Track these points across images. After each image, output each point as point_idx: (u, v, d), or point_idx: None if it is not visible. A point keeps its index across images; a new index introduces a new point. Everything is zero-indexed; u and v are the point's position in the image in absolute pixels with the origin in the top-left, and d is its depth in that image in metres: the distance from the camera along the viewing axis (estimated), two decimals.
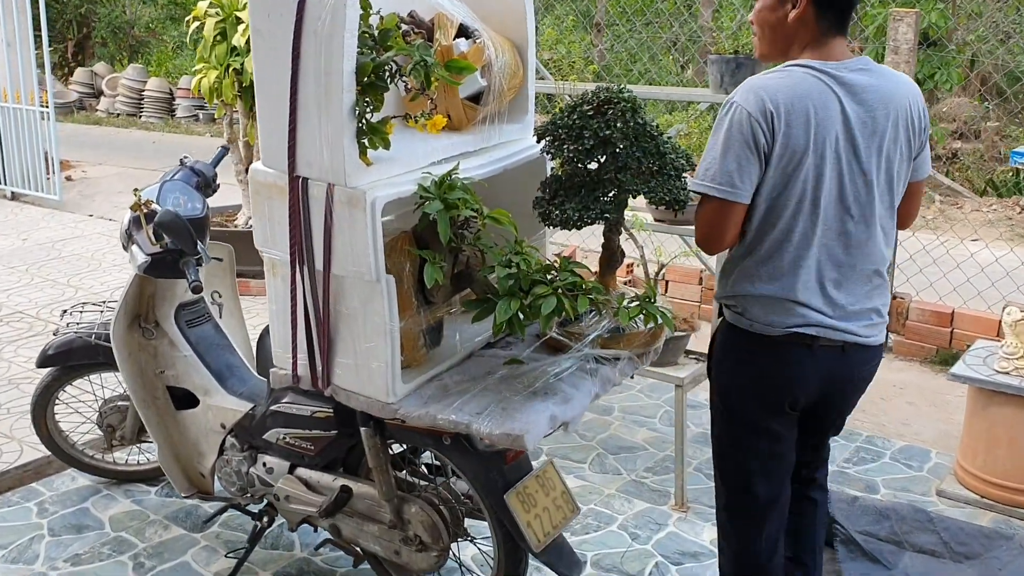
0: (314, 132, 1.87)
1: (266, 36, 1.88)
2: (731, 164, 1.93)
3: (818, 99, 1.95)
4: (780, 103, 1.93)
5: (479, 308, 1.97)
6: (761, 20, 2.08)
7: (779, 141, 1.93)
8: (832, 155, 1.95)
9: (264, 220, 2.05)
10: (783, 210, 1.97)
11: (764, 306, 2.05)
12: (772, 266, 2.02)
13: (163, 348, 2.83)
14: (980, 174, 10.11)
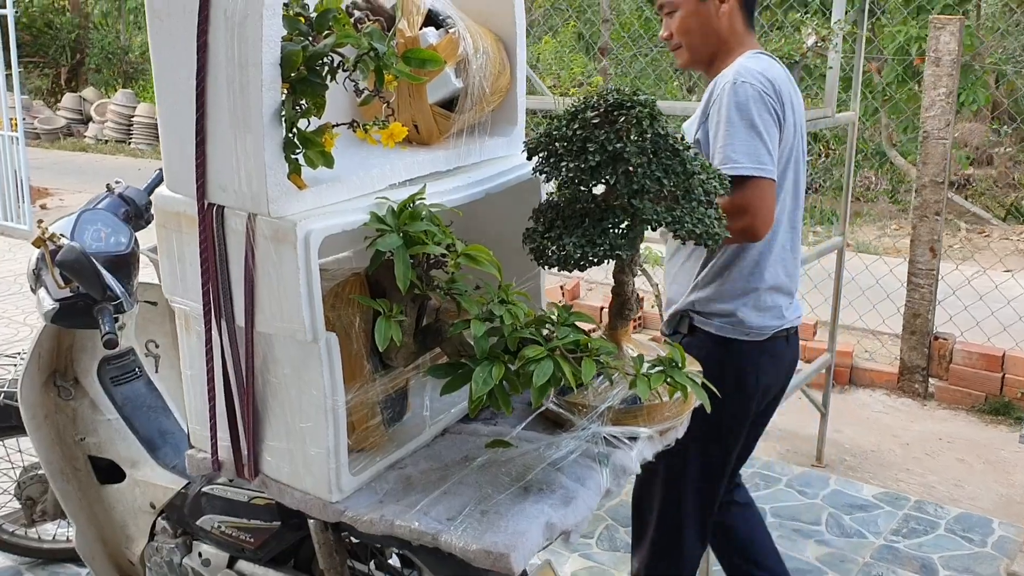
0: (228, 145, 1.40)
1: (165, 20, 1.42)
2: (766, 142, 1.96)
3: (789, 84, 2.08)
4: (774, 81, 2.01)
5: (450, 376, 1.49)
6: (684, 28, 2.11)
7: (786, 118, 2.03)
8: (799, 141, 2.11)
9: (172, 260, 1.58)
10: (779, 194, 2.06)
11: (760, 308, 2.13)
12: (768, 258, 2.11)
13: (83, 410, 2.37)
14: (994, 201, 9.71)
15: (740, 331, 2.15)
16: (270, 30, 1.32)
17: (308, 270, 1.39)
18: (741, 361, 2.17)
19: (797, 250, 2.22)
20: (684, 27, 2.11)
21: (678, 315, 2.25)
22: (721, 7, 2.08)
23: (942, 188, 4.07)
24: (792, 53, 2.88)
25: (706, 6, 2.08)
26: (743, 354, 2.17)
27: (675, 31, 2.13)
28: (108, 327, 2.05)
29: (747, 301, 2.13)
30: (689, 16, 2.09)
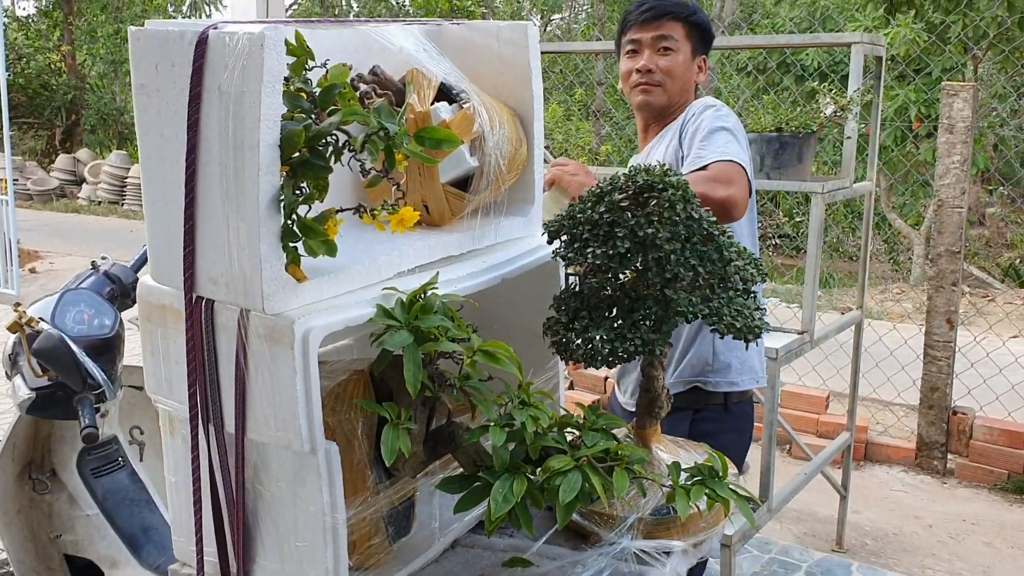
0: (219, 233, 1.26)
1: (153, 96, 1.29)
2: (747, 156, 2.09)
3: None
4: None
5: (465, 491, 1.33)
6: (673, 72, 2.24)
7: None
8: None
9: (157, 357, 1.42)
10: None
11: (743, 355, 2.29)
12: None
13: (60, 505, 2.19)
14: (989, 261, 9.66)
15: (754, 378, 2.32)
16: (269, 108, 1.18)
17: (306, 373, 1.24)
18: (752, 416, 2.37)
19: None
20: (673, 71, 2.24)
21: (677, 393, 2.27)
22: (699, 74, 2.31)
23: (958, 258, 3.95)
24: (809, 123, 2.77)
25: (692, 64, 2.28)
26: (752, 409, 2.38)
27: (663, 70, 2.23)
28: (88, 419, 1.89)
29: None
30: (681, 64, 2.24)
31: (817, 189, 2.77)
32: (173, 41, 1.24)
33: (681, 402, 2.19)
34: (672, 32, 2.23)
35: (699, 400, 2.28)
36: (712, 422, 2.27)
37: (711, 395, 2.28)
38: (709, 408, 2.28)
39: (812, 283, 2.86)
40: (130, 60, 1.31)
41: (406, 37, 1.55)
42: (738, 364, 2.28)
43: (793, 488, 2.95)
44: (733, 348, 2.25)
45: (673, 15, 2.23)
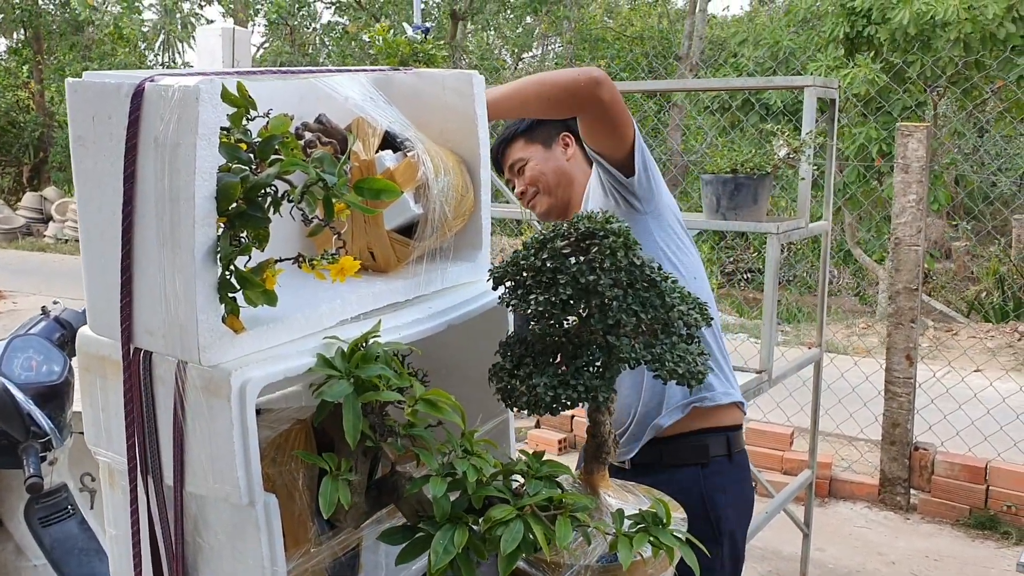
0: (156, 284, 1.25)
1: (90, 147, 1.28)
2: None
3: None
4: None
5: (406, 543, 1.32)
6: (535, 176, 2.23)
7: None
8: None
9: (96, 408, 1.41)
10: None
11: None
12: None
13: (7, 556, 2.15)
14: (955, 294, 9.79)
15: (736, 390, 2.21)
16: (204, 160, 1.18)
17: (244, 425, 1.23)
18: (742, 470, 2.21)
19: None
20: (535, 175, 2.22)
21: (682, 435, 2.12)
22: (567, 150, 2.24)
23: (916, 295, 4.00)
24: (764, 165, 2.80)
25: (552, 152, 2.23)
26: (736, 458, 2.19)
27: (530, 183, 2.23)
28: (33, 469, 1.86)
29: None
30: (538, 164, 2.22)
31: (772, 230, 2.80)
32: (110, 93, 1.24)
33: (687, 453, 2.12)
34: (514, 153, 2.26)
35: (699, 450, 2.12)
36: (721, 475, 2.13)
37: (713, 440, 2.12)
38: (714, 461, 2.13)
39: (770, 323, 2.88)
40: (68, 112, 1.31)
41: (352, 86, 1.55)
42: (720, 377, 2.17)
43: (755, 526, 2.95)
44: (715, 356, 2.13)
45: (506, 142, 2.28)
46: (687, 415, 2.09)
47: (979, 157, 9.08)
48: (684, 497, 1.98)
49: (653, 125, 9.47)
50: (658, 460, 2.12)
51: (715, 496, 2.09)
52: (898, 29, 7.67)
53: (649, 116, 8.98)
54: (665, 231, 2.06)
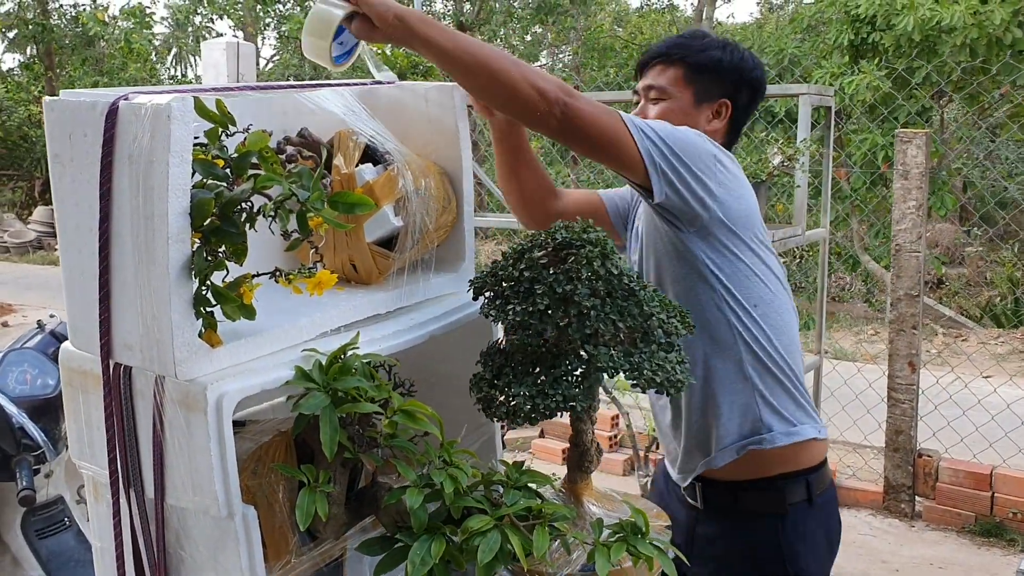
0: (133, 300, 1.26)
1: (67, 166, 1.30)
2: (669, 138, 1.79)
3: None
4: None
5: (384, 553, 1.32)
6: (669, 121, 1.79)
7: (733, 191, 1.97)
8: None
9: (79, 422, 1.42)
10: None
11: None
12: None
13: (3, 568, 2.17)
14: (968, 300, 9.73)
15: (814, 423, 1.88)
16: (177, 178, 1.20)
17: (221, 438, 1.24)
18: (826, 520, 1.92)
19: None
20: (667, 117, 1.83)
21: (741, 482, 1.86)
22: (712, 121, 1.89)
23: (917, 301, 3.99)
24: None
25: (698, 112, 1.88)
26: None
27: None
28: (26, 482, 1.88)
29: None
30: (674, 114, 1.85)
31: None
32: (85, 111, 1.26)
33: (762, 501, 1.84)
34: (661, 79, 1.88)
35: (774, 500, 1.83)
36: (802, 523, 1.83)
37: (790, 486, 1.83)
38: (794, 509, 1.82)
39: None
40: (45, 130, 1.32)
41: (335, 100, 1.57)
42: (782, 413, 1.82)
43: None
44: (776, 391, 1.82)
45: (665, 58, 1.88)
46: (744, 457, 1.81)
47: (988, 162, 9.03)
48: (761, 549, 1.85)
49: None
50: (732, 505, 1.86)
51: (795, 546, 1.83)
52: (903, 35, 7.65)
53: None
54: (714, 248, 1.73)
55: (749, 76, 1.90)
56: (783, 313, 1.82)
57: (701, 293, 1.79)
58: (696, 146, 1.67)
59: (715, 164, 1.69)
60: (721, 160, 1.71)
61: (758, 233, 1.78)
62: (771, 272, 1.80)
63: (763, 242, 1.79)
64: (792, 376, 1.83)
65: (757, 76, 1.92)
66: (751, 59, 1.91)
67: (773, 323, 1.80)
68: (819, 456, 1.88)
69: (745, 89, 1.90)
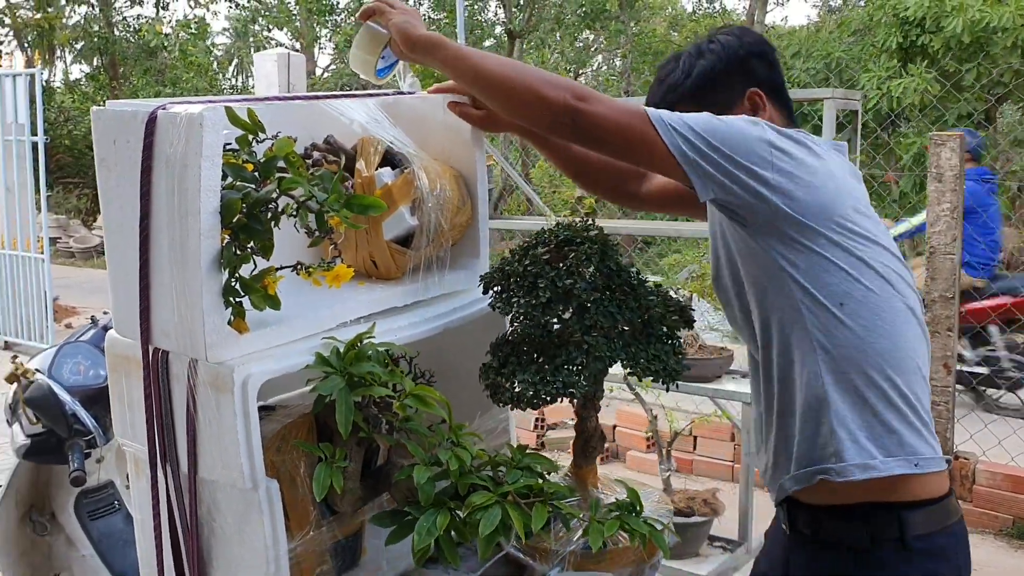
0: (169, 291, 1.40)
1: (112, 168, 1.44)
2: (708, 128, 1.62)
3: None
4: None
5: (395, 525, 1.44)
6: None
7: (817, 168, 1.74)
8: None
9: (123, 403, 1.56)
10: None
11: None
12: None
13: (59, 546, 2.33)
14: None
15: (906, 455, 1.56)
16: (208, 179, 1.33)
17: (246, 416, 1.37)
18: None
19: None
20: None
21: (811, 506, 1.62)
22: (756, 113, 1.66)
23: (952, 303, 3.99)
24: None
25: (739, 112, 1.64)
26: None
27: None
28: (77, 464, 2.03)
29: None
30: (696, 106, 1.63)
31: None
32: (128, 119, 1.40)
33: (844, 530, 1.57)
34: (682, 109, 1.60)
35: (856, 530, 1.56)
36: (887, 568, 1.55)
37: (879, 518, 1.54)
38: (878, 547, 1.54)
39: None
40: (92, 137, 1.47)
41: (359, 109, 1.69)
42: (864, 443, 1.53)
43: None
44: (859, 409, 1.54)
45: (674, 95, 1.70)
46: (816, 485, 1.57)
47: None
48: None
49: None
50: (815, 532, 1.61)
51: None
52: (952, 37, 7.60)
53: None
54: (786, 243, 1.54)
55: (745, 54, 1.69)
56: (885, 313, 1.53)
57: (778, 295, 1.58)
58: (743, 134, 1.50)
59: (771, 152, 1.49)
60: (781, 146, 1.50)
61: (846, 222, 1.53)
62: (867, 266, 1.54)
63: (857, 233, 1.54)
64: (891, 392, 1.52)
65: (749, 47, 1.70)
66: (734, 41, 1.70)
67: (868, 323, 1.53)
68: (921, 491, 1.54)
69: (754, 66, 1.69)
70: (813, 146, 1.55)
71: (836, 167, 1.56)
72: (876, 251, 1.55)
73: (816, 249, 1.52)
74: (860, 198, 1.59)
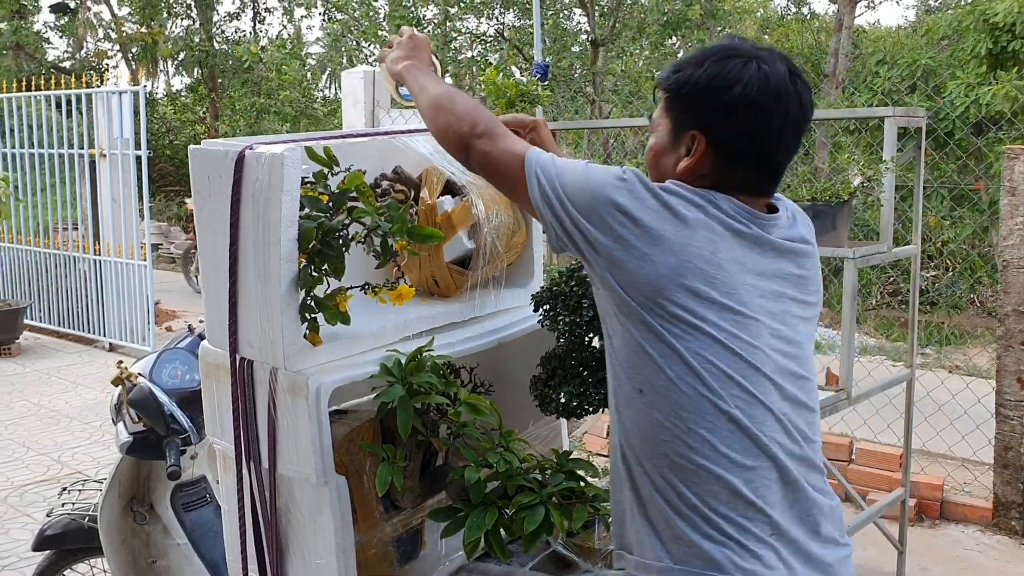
0: (254, 307, 1.59)
1: (207, 199, 1.65)
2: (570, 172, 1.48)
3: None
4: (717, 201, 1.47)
5: (448, 520, 1.60)
6: (654, 155, 1.50)
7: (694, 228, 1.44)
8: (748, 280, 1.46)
9: (213, 406, 1.77)
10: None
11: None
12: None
13: (156, 535, 2.55)
14: None
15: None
16: (288, 211, 1.51)
17: (319, 419, 1.55)
18: None
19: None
20: (650, 156, 1.51)
21: None
22: (684, 160, 1.42)
23: None
24: (841, 193, 2.95)
25: (676, 146, 1.44)
26: None
27: (647, 153, 1.53)
28: (173, 459, 2.24)
29: None
30: (657, 145, 1.49)
31: (848, 255, 2.94)
32: (220, 158, 1.59)
33: None
34: (657, 109, 1.51)
35: None
36: None
37: None
38: None
39: (848, 343, 3.01)
40: (190, 171, 1.67)
41: (424, 143, 1.87)
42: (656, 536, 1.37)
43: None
44: (651, 505, 1.37)
45: (660, 81, 1.51)
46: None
47: None
48: None
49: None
50: None
51: None
52: None
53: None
54: (610, 312, 1.41)
55: (721, 99, 1.40)
56: (685, 412, 1.32)
57: (607, 349, 1.46)
58: (594, 194, 1.36)
59: (614, 215, 1.34)
60: (629, 210, 1.33)
61: (672, 305, 1.32)
62: (678, 357, 1.33)
63: (680, 318, 1.32)
64: (676, 500, 1.33)
65: (734, 96, 1.39)
66: (733, 73, 1.40)
67: (662, 418, 1.34)
68: None
69: (720, 114, 1.40)
70: (681, 212, 1.34)
71: (701, 239, 1.33)
72: (701, 343, 1.32)
73: (629, 327, 1.36)
74: (715, 277, 1.33)
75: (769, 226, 1.40)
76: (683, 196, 1.36)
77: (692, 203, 1.35)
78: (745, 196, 1.40)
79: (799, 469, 1.36)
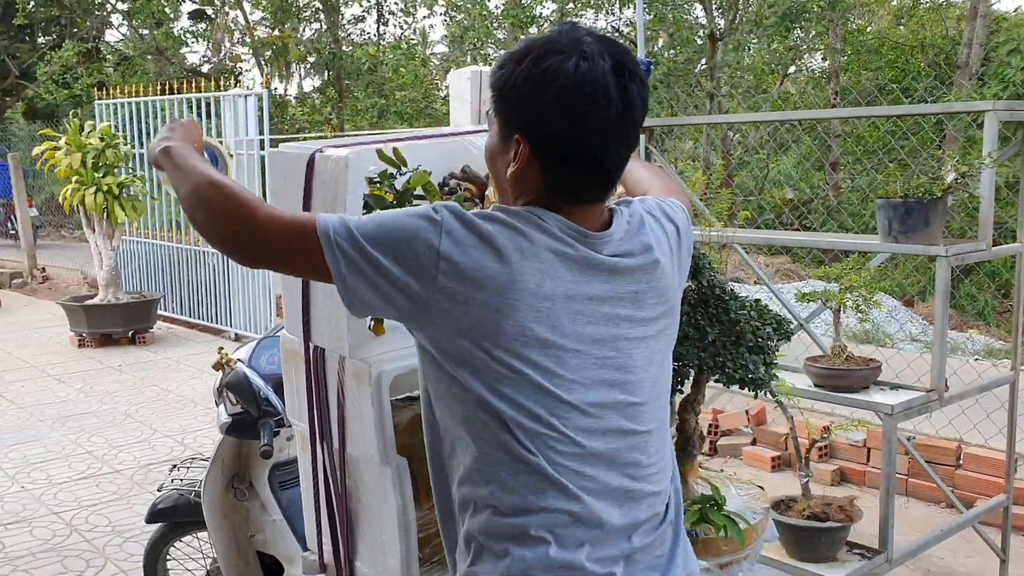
0: (324, 301, 1.72)
1: (282, 198, 1.78)
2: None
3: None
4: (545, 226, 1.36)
5: None
6: (488, 158, 1.40)
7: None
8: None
9: (292, 390, 1.90)
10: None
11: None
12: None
13: (255, 511, 2.73)
14: None
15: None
16: (352, 209, 1.63)
17: (380, 403, 1.66)
18: None
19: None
20: (487, 158, 1.41)
21: None
22: (513, 163, 1.31)
23: None
24: (935, 190, 2.89)
25: (505, 150, 1.33)
26: None
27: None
28: (267, 439, 2.41)
29: None
30: (488, 151, 1.40)
31: (941, 252, 2.87)
32: (294, 159, 1.72)
33: None
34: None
35: None
36: None
37: None
38: None
39: (940, 342, 2.95)
40: (267, 172, 1.81)
41: None
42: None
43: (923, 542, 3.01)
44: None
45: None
46: None
47: None
48: None
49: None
50: None
51: None
52: None
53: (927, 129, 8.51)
54: (427, 354, 1.32)
55: (537, 101, 1.27)
56: (486, 467, 1.28)
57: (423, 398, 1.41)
58: (406, 242, 1.24)
59: (436, 263, 1.23)
60: (448, 255, 1.23)
61: (500, 350, 1.24)
62: (493, 411, 1.25)
63: (507, 364, 1.24)
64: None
65: (549, 98, 1.27)
66: (550, 72, 1.26)
67: (468, 469, 1.31)
68: None
69: (534, 118, 1.29)
70: (503, 245, 1.24)
71: (527, 271, 1.24)
72: (516, 385, 1.25)
73: (446, 367, 1.27)
74: (540, 311, 1.25)
75: (600, 244, 1.30)
76: (506, 224, 1.25)
77: (516, 230, 1.25)
78: (578, 206, 1.31)
79: (613, 503, 1.28)
